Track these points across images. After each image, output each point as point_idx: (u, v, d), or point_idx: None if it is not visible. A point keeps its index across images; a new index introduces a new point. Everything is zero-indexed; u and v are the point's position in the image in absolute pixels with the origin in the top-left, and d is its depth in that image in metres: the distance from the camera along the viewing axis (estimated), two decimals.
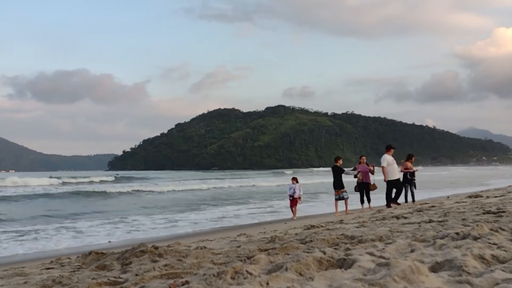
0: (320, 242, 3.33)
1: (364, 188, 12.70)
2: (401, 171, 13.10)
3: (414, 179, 13.29)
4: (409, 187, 13.12)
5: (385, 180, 12.28)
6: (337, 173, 12.29)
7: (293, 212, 12.47)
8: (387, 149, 12.64)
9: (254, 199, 20.49)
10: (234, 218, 13.34)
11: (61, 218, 13.60)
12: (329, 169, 13.46)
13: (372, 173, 12.74)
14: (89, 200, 21.52)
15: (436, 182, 32.58)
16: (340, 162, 12.74)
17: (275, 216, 13.51)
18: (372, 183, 12.71)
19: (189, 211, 15.20)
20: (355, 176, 12.75)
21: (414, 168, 13.38)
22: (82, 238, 9.53)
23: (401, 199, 12.45)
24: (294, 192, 12.56)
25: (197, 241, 5.05)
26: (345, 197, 12.31)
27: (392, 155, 12.58)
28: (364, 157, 13.24)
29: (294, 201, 12.49)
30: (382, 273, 2.09)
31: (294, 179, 13.14)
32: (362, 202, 12.60)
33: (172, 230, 10.76)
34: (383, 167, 12.25)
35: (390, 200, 12.06)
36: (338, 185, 12.33)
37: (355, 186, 12.88)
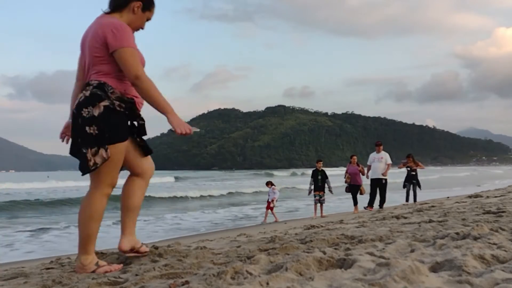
0: (320, 242, 3.33)
1: (353, 189, 12.31)
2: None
3: (414, 180, 12.73)
4: (411, 187, 12.77)
5: (367, 177, 12.13)
6: (314, 176, 12.27)
7: (266, 216, 12.21)
8: (376, 146, 12.30)
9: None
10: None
11: None
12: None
13: (363, 174, 12.28)
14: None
15: (436, 183, 32.75)
16: (319, 165, 12.44)
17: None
18: (362, 185, 12.32)
19: None
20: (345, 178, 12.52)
21: (415, 166, 12.81)
22: None
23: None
24: (269, 195, 12.42)
25: (197, 241, 5.05)
26: (316, 200, 12.08)
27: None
28: (355, 157, 12.68)
29: (268, 204, 12.29)
30: (382, 273, 2.09)
31: (269, 183, 12.84)
32: (354, 204, 12.27)
33: None
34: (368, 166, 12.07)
35: (372, 201, 11.72)
36: (315, 186, 12.13)
37: (346, 187, 12.55)
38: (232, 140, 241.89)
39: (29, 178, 65.23)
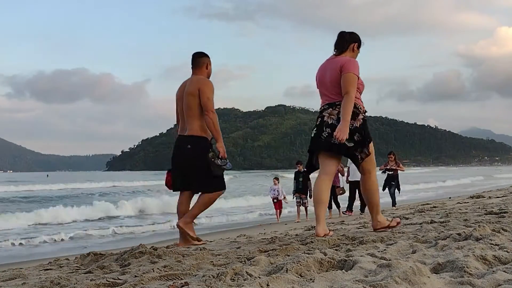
0: (321, 243, 3.32)
1: (331, 192, 11.66)
2: (380, 169, 12.11)
3: (393, 182, 11.84)
4: (388, 189, 11.89)
5: (346, 181, 11.55)
6: (296, 178, 11.67)
7: (278, 216, 11.84)
8: None
9: None
10: None
11: None
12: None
13: (342, 175, 11.42)
14: None
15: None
16: (299, 167, 11.65)
17: None
18: (341, 186, 11.43)
19: None
20: None
21: (394, 166, 11.91)
22: None
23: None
24: (278, 194, 11.87)
25: None
26: (297, 203, 11.46)
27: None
28: None
29: (278, 204, 11.82)
30: (383, 274, 2.08)
31: (276, 179, 12.40)
32: (329, 207, 11.08)
33: None
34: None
35: (351, 204, 11.19)
36: (296, 189, 11.52)
37: None
38: (232, 140, 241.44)
39: (31, 178, 65.42)
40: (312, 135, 4.03)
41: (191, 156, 4.36)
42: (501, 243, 2.82)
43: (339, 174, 11.37)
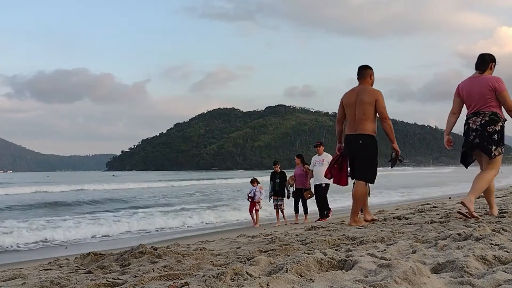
0: (321, 243, 3.32)
1: (298, 194, 10.72)
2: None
3: None
4: None
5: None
6: (273, 179, 11.23)
7: (253, 218, 11.36)
8: (315, 147, 10.68)
9: None
10: None
11: None
12: None
13: (311, 176, 10.59)
14: None
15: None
16: (276, 168, 11.21)
17: None
18: (309, 189, 10.64)
19: None
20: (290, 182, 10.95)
21: None
22: None
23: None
24: (255, 195, 11.40)
25: (197, 242, 5.04)
26: (275, 206, 11.03)
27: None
28: (298, 158, 11.11)
29: (253, 204, 11.36)
30: (383, 274, 2.08)
31: (255, 181, 11.82)
32: (296, 211, 10.71)
33: None
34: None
35: (321, 211, 10.23)
36: (273, 191, 11.09)
37: (293, 191, 10.97)
38: (232, 140, 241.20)
39: (33, 178, 65.31)
40: (465, 139, 4.87)
41: (361, 149, 5.28)
42: (501, 243, 2.82)
43: (307, 177, 10.62)
